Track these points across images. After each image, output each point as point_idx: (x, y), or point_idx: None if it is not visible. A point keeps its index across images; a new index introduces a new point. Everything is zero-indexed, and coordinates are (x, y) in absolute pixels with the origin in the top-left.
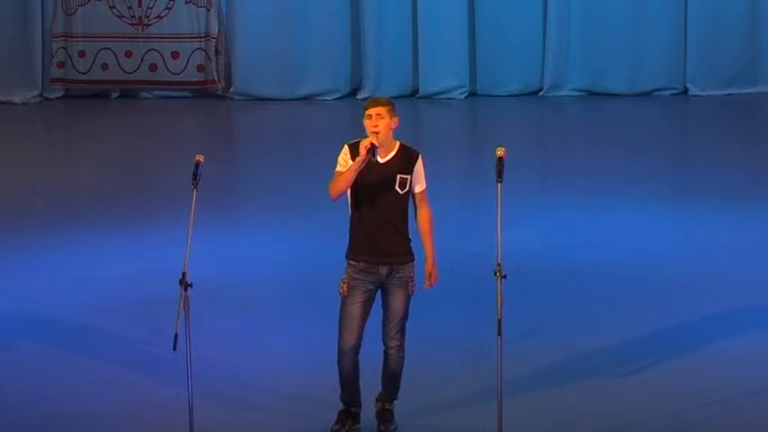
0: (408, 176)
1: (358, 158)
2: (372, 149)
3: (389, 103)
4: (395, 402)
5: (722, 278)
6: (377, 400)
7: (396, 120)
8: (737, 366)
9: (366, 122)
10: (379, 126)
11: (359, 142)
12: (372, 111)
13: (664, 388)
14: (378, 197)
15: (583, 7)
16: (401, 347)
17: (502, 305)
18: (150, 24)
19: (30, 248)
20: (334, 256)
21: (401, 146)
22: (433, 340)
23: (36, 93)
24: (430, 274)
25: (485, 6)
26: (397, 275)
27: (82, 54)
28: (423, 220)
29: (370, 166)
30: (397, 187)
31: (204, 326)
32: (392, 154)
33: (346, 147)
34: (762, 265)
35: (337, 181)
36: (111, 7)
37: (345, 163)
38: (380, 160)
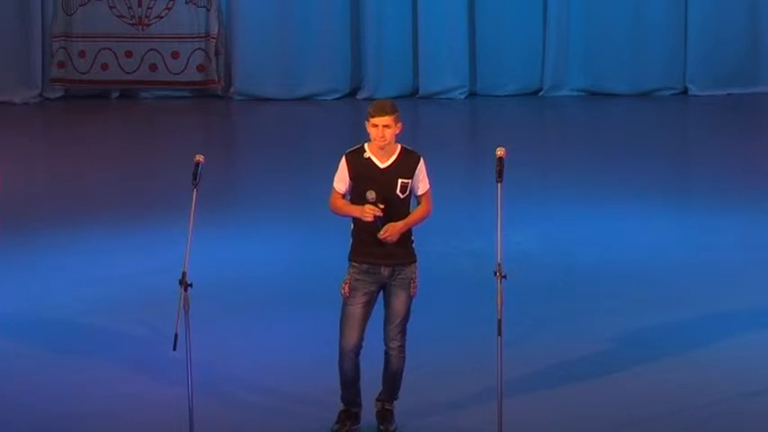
0: (409, 181)
1: (362, 214)
2: (377, 220)
3: (395, 110)
4: (395, 402)
5: (722, 278)
6: (377, 400)
7: (400, 125)
8: (738, 366)
9: (371, 130)
10: (386, 136)
11: (358, 150)
12: (379, 121)
13: (664, 388)
14: (379, 201)
15: (583, 7)
16: (402, 348)
17: (502, 305)
18: (150, 24)
19: (30, 248)
20: (335, 256)
21: (402, 149)
22: (434, 340)
23: (36, 93)
24: (391, 227)
25: (485, 6)
26: (399, 276)
27: (82, 54)
28: (418, 209)
29: (371, 171)
30: (398, 191)
31: (204, 326)
32: (393, 158)
33: (344, 159)
34: (762, 265)
35: (336, 209)
36: (111, 7)
37: (343, 177)
38: (381, 165)
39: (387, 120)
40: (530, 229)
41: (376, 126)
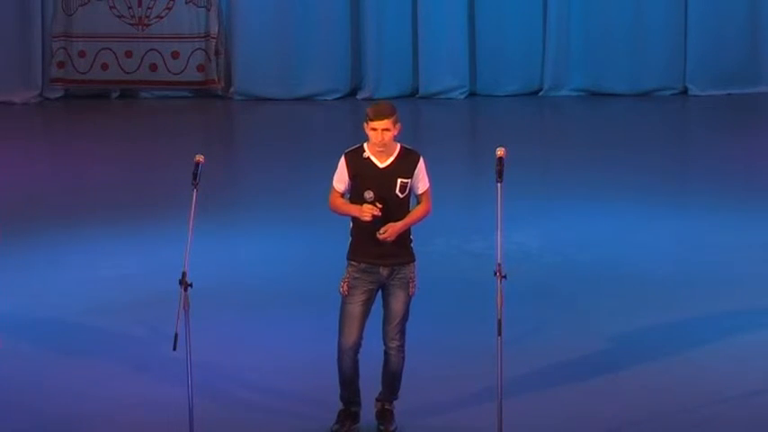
0: (409, 180)
1: (360, 214)
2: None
3: (393, 112)
4: (395, 402)
5: (722, 278)
6: (377, 400)
7: (398, 126)
8: (737, 366)
9: (371, 133)
10: (385, 139)
11: (357, 150)
12: (378, 124)
13: (664, 388)
14: (378, 201)
15: (583, 7)
16: (401, 348)
17: (502, 305)
18: (150, 24)
19: (30, 248)
20: (335, 255)
21: (402, 149)
22: (433, 340)
23: (36, 93)
24: (390, 227)
25: (485, 6)
26: (398, 276)
27: (82, 54)
28: (417, 208)
29: (370, 171)
30: (397, 191)
31: (204, 326)
32: (392, 158)
33: (344, 158)
34: (761, 265)
35: (335, 208)
36: (111, 7)
37: (342, 176)
38: (381, 165)
39: (386, 123)
40: (530, 228)
41: (375, 130)
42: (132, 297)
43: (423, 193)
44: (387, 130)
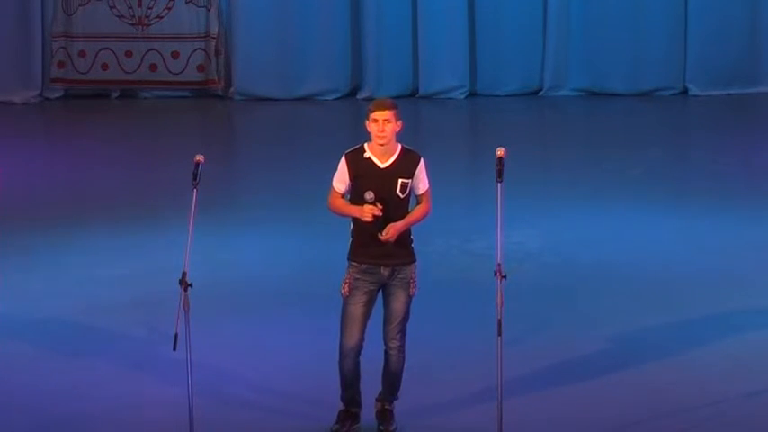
0: (409, 181)
1: (361, 215)
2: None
3: (395, 106)
4: (395, 402)
5: (722, 278)
6: (377, 400)
7: (400, 123)
8: (737, 366)
9: (371, 126)
10: (386, 131)
11: (357, 150)
12: (379, 115)
13: (664, 388)
14: (379, 201)
15: (582, 7)
16: (402, 348)
17: (502, 305)
18: (150, 24)
19: (30, 248)
20: (335, 256)
21: (402, 149)
22: (433, 340)
23: (36, 93)
24: (392, 228)
25: (485, 6)
26: (399, 276)
27: (82, 54)
28: (417, 208)
29: (371, 171)
30: (398, 191)
31: (204, 326)
32: (393, 158)
33: (344, 159)
34: (761, 265)
35: (335, 209)
36: (111, 7)
37: (342, 177)
38: (381, 165)
39: (387, 114)
40: (530, 228)
41: (376, 121)
42: (132, 297)
43: (423, 194)
44: (387, 121)
